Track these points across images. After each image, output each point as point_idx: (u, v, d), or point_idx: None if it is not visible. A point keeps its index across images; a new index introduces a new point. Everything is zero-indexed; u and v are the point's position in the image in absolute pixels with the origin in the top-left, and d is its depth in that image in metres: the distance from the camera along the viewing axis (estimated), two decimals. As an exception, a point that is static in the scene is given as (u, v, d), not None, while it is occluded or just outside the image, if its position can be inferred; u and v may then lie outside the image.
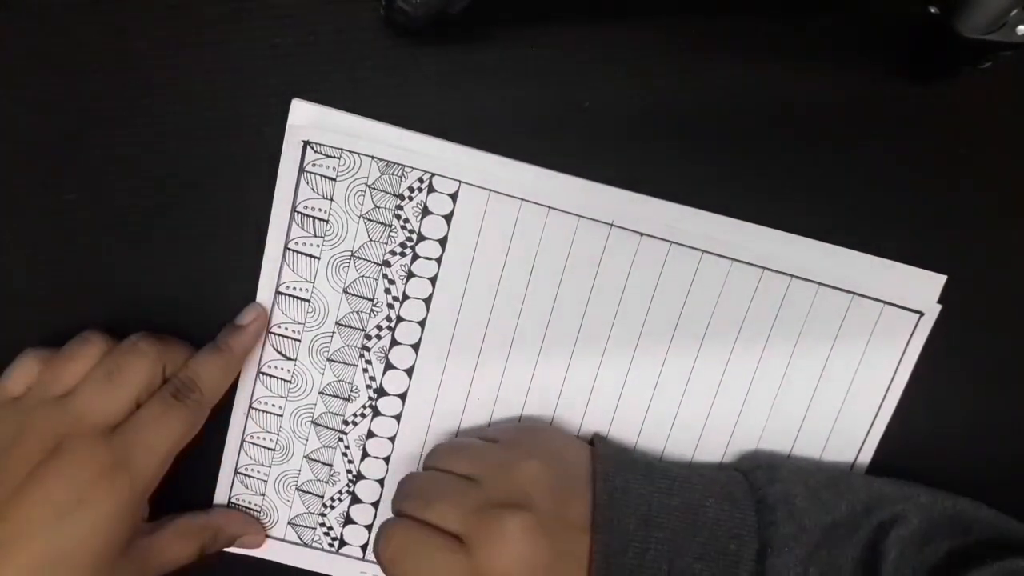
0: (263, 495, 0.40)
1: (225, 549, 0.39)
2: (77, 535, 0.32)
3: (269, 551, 0.41)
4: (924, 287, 0.37)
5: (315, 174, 0.36)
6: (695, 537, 0.34)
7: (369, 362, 0.38)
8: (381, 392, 0.39)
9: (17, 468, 0.32)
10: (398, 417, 0.39)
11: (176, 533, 0.36)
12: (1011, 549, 0.34)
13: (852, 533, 0.34)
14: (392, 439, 0.39)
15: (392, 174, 0.36)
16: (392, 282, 0.37)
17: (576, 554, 0.33)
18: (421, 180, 0.36)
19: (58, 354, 0.35)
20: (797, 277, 0.37)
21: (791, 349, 0.38)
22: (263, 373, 0.39)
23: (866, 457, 0.39)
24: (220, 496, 0.40)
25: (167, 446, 0.34)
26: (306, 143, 0.36)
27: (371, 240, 0.37)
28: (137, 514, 0.34)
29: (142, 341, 0.35)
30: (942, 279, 0.37)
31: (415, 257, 0.37)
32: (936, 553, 0.34)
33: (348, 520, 0.40)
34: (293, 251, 0.37)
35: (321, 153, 0.36)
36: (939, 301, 0.37)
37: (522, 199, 0.36)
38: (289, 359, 0.38)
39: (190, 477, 0.38)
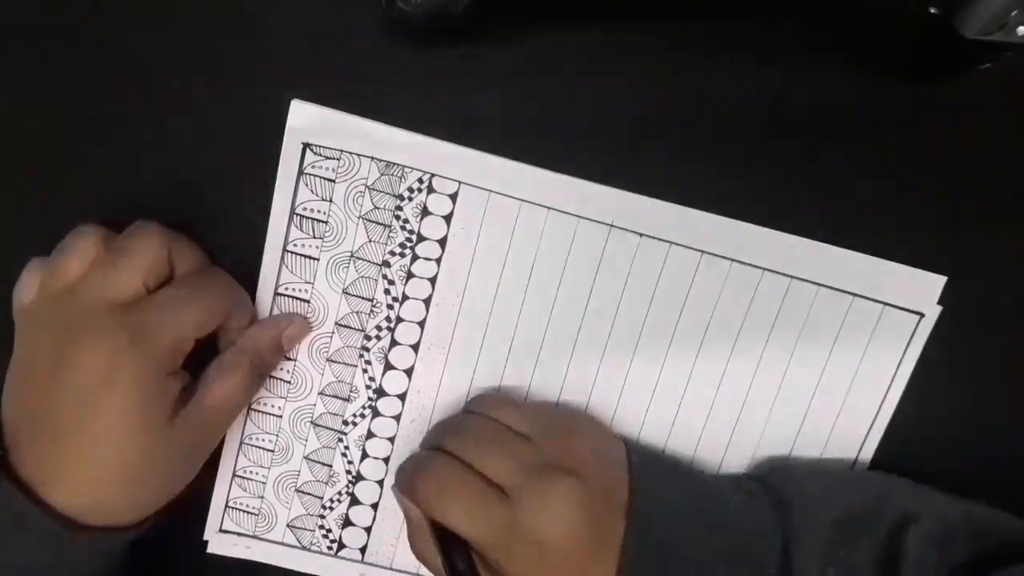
0: (262, 497, 0.40)
1: (282, 357, 0.38)
2: (112, 413, 0.31)
3: (267, 555, 0.41)
4: (924, 288, 0.37)
5: (314, 176, 0.36)
6: (721, 535, 0.34)
7: (369, 363, 0.38)
8: (381, 393, 0.39)
9: (43, 368, 0.32)
10: (398, 418, 0.39)
11: (219, 373, 0.35)
12: None
13: (868, 529, 0.34)
14: (392, 440, 0.39)
15: (391, 175, 0.36)
16: (392, 283, 0.37)
17: (610, 537, 0.33)
18: (420, 181, 0.36)
19: (57, 250, 0.34)
20: (797, 278, 0.37)
21: (791, 350, 0.38)
22: (262, 374, 0.38)
23: (866, 457, 0.38)
24: (218, 498, 0.40)
25: (184, 326, 0.33)
26: (305, 145, 0.36)
27: (370, 241, 0.37)
28: (167, 384, 0.33)
29: (146, 223, 0.34)
30: (942, 280, 0.37)
31: (415, 258, 0.37)
32: (958, 554, 0.34)
33: (347, 522, 0.40)
34: (292, 253, 0.37)
35: (320, 155, 0.36)
36: (939, 302, 0.37)
37: (521, 200, 0.36)
38: (288, 359, 0.38)
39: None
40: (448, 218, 0.37)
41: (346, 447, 0.39)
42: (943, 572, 0.33)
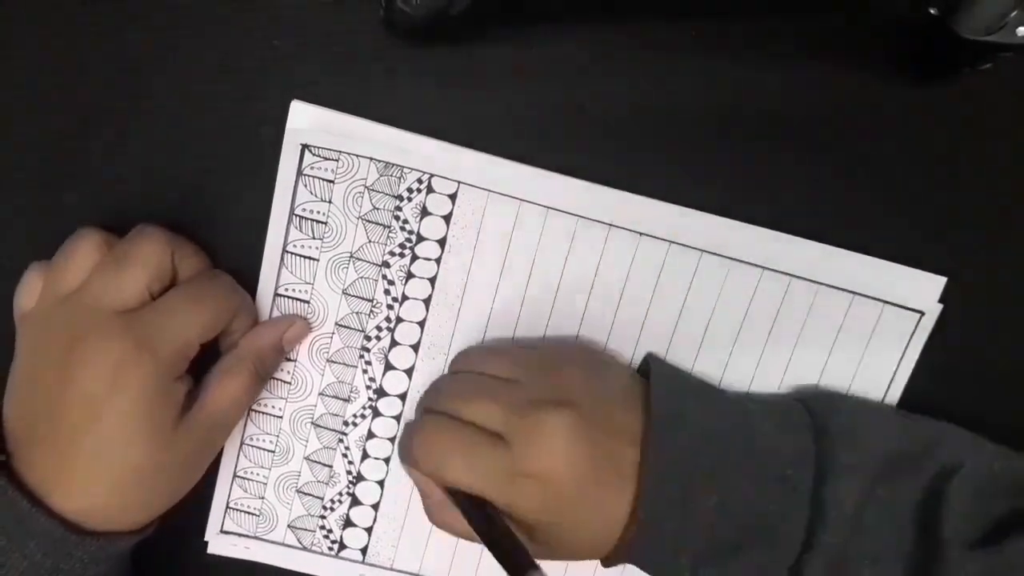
0: (262, 498, 0.40)
1: (283, 359, 0.38)
2: (117, 419, 0.31)
3: (268, 555, 0.41)
4: (924, 288, 0.37)
5: (313, 177, 0.36)
6: (750, 461, 0.33)
7: (369, 363, 0.38)
8: (381, 393, 0.39)
9: (47, 373, 0.32)
10: (398, 418, 0.39)
11: (221, 378, 0.35)
12: None
13: (914, 472, 0.34)
14: (392, 440, 0.39)
15: (391, 175, 0.36)
16: (391, 283, 0.37)
17: (620, 463, 0.33)
18: (420, 181, 0.36)
19: (58, 254, 0.34)
20: (797, 277, 0.37)
21: (791, 348, 0.38)
22: (262, 375, 0.38)
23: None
24: (219, 500, 0.40)
25: (189, 330, 0.33)
26: (304, 146, 0.36)
27: (370, 241, 0.37)
28: (172, 389, 0.33)
29: (148, 227, 0.34)
30: (942, 281, 0.37)
31: (414, 258, 0.37)
32: (999, 506, 0.33)
33: (348, 523, 0.40)
34: (292, 254, 0.37)
35: (319, 156, 0.36)
36: (939, 302, 0.37)
37: (521, 199, 0.36)
38: (289, 360, 0.38)
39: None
40: (447, 218, 0.37)
41: (347, 447, 0.39)
42: (982, 522, 0.33)
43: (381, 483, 0.40)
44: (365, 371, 0.38)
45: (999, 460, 0.34)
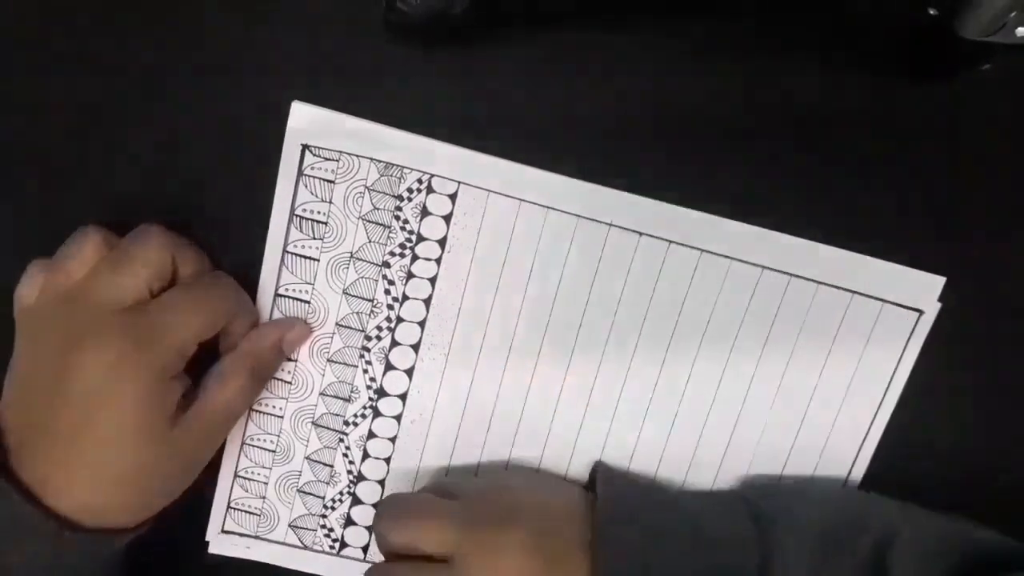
0: (263, 498, 0.40)
1: (282, 361, 0.38)
2: (115, 417, 0.32)
3: (269, 555, 0.41)
4: (923, 288, 0.37)
5: (313, 177, 0.36)
6: (697, 554, 0.33)
7: (369, 363, 0.38)
8: (381, 393, 0.39)
9: (48, 367, 0.32)
10: (399, 418, 0.39)
11: (219, 379, 0.35)
12: (1012, 569, 0.33)
13: (852, 546, 0.34)
14: (393, 440, 0.39)
15: (391, 176, 0.36)
16: (392, 283, 0.37)
17: (577, 573, 0.32)
18: (420, 181, 0.36)
19: (60, 252, 0.34)
20: (796, 276, 0.37)
21: (791, 347, 0.38)
22: (263, 375, 0.39)
23: (866, 457, 0.38)
24: (220, 499, 0.40)
25: (188, 330, 0.33)
26: (304, 147, 0.36)
27: (370, 241, 0.37)
28: (169, 388, 0.33)
29: (150, 226, 0.34)
30: (941, 281, 0.37)
31: (414, 258, 0.37)
32: (940, 569, 0.33)
33: (349, 521, 0.40)
34: (292, 254, 0.37)
35: (320, 156, 0.36)
36: (938, 301, 0.37)
37: (521, 199, 0.36)
38: (290, 360, 0.38)
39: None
40: (448, 218, 0.37)
41: (347, 447, 0.39)
42: None
43: (382, 482, 0.40)
44: (366, 371, 0.38)
45: (933, 522, 0.35)
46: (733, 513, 0.35)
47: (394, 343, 0.38)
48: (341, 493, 0.40)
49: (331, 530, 0.40)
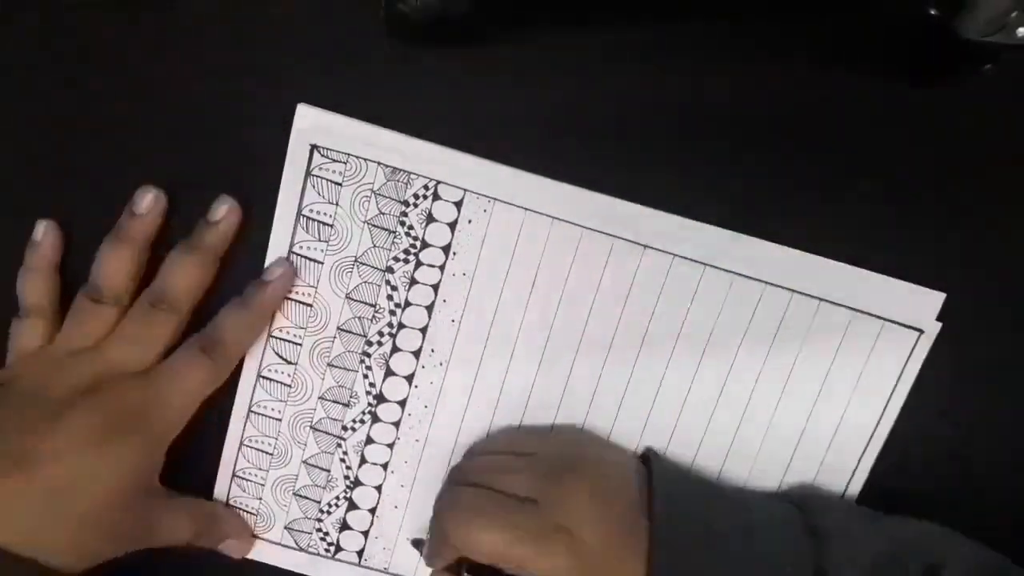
0: (260, 499, 0.40)
1: (210, 548, 0.39)
2: (100, 465, 0.33)
3: (265, 554, 0.41)
4: (923, 305, 0.37)
5: (322, 178, 0.36)
6: (751, 561, 0.34)
7: (369, 368, 0.38)
8: (380, 398, 0.39)
9: (54, 402, 0.33)
10: (397, 424, 0.39)
11: (185, 508, 0.37)
12: None
13: (902, 570, 0.34)
14: (390, 446, 0.39)
15: (398, 181, 0.36)
16: (395, 288, 0.37)
17: (636, 531, 0.33)
18: (426, 188, 0.36)
19: (70, 318, 0.36)
20: (798, 292, 0.37)
21: (791, 364, 0.38)
22: (263, 377, 0.38)
23: (863, 473, 0.39)
24: (218, 497, 0.40)
25: (192, 396, 0.35)
26: (313, 147, 0.36)
27: (375, 246, 0.37)
28: (157, 460, 0.35)
29: (169, 298, 0.36)
30: (941, 297, 0.37)
31: (418, 264, 0.37)
32: None
33: (344, 526, 0.40)
34: (297, 255, 0.37)
35: (328, 157, 0.36)
36: (938, 318, 0.37)
37: (526, 209, 0.36)
38: (290, 363, 0.38)
39: (188, 479, 0.38)
40: (452, 225, 0.37)
41: (345, 452, 0.39)
42: None
43: (378, 488, 0.40)
44: (366, 376, 0.38)
45: (978, 554, 0.35)
46: (790, 526, 0.35)
47: (395, 349, 0.38)
48: (337, 498, 0.40)
49: (326, 534, 0.40)
